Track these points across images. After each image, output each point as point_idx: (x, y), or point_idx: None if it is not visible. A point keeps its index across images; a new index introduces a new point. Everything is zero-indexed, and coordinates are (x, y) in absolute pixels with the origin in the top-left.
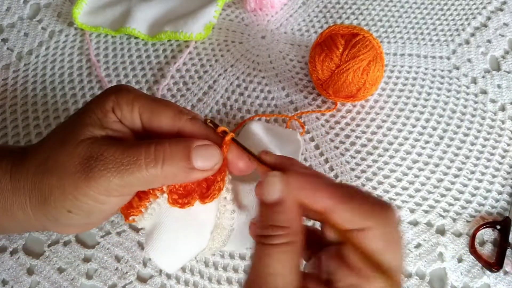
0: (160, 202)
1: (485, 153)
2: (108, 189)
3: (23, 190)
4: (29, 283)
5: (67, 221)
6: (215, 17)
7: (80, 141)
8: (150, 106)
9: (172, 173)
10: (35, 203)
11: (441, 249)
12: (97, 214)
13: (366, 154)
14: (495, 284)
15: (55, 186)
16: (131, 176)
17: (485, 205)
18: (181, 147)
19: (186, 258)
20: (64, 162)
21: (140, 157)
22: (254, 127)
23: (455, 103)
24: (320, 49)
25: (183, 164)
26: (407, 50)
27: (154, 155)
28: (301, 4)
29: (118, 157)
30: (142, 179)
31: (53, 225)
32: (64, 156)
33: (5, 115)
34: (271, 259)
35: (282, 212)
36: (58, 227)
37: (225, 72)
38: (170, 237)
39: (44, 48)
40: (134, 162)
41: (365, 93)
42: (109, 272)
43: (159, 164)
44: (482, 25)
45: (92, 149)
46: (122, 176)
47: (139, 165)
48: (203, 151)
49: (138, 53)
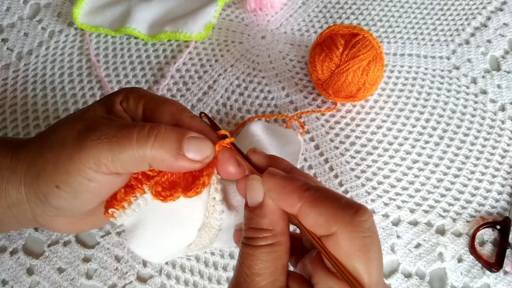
0: (147, 197)
1: (485, 153)
2: (98, 163)
3: (20, 167)
4: (29, 283)
5: (55, 201)
6: (215, 17)
7: (84, 118)
8: (155, 102)
9: (160, 155)
10: (29, 179)
11: (441, 249)
12: (84, 195)
13: (366, 154)
14: (495, 284)
15: (50, 160)
16: (121, 150)
17: (485, 205)
18: (175, 132)
19: (171, 253)
20: (64, 136)
21: (133, 132)
22: (253, 128)
23: (455, 103)
24: (320, 49)
25: (173, 148)
26: (407, 50)
27: (147, 133)
28: (301, 4)
29: (113, 129)
30: (131, 155)
31: (42, 211)
32: (66, 130)
33: (5, 115)
34: (256, 259)
35: (264, 216)
36: (48, 216)
37: (225, 72)
38: (155, 234)
39: (44, 48)
40: (126, 136)
41: (365, 93)
42: (109, 272)
43: (149, 142)
44: (482, 25)
45: (92, 122)
46: (113, 149)
47: (130, 140)
48: (196, 141)
49: (138, 53)
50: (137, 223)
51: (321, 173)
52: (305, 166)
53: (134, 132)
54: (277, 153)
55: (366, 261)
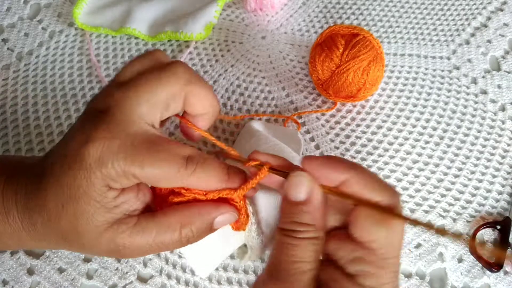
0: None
1: (485, 153)
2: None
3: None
4: (30, 283)
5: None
6: (216, 17)
7: (98, 234)
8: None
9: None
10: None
11: (441, 249)
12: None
13: (366, 154)
14: (495, 284)
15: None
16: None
17: (485, 205)
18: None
19: (217, 262)
20: (91, 247)
21: (168, 247)
22: (255, 125)
23: (455, 103)
24: (320, 49)
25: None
26: (407, 50)
27: (181, 240)
28: (301, 4)
29: (143, 247)
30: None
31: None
32: (89, 243)
33: (5, 115)
34: (299, 249)
35: (309, 212)
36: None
37: (225, 72)
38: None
39: (45, 48)
40: (161, 249)
41: (365, 93)
42: (109, 272)
43: (183, 243)
44: (482, 25)
45: (115, 242)
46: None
47: (165, 249)
48: (222, 218)
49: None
50: None
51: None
52: None
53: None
54: (279, 152)
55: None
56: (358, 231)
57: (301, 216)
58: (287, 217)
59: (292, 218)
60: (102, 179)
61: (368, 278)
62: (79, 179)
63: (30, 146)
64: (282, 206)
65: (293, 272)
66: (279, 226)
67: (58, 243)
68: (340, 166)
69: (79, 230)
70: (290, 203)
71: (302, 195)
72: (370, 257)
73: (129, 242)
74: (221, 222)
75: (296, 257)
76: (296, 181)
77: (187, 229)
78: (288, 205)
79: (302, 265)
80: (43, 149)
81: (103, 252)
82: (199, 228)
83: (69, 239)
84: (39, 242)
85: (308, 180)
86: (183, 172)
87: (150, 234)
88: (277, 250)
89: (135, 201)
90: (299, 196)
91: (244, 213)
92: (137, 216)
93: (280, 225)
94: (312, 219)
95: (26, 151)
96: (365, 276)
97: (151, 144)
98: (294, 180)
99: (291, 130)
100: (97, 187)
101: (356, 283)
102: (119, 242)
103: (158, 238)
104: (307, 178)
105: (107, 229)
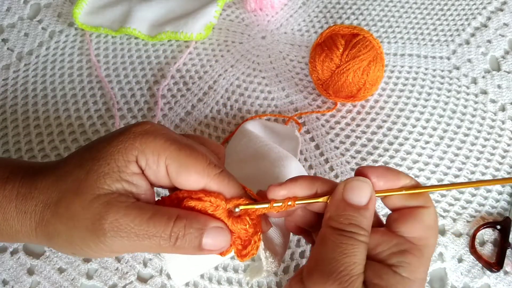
0: None
1: (485, 153)
2: (114, 250)
3: (29, 222)
4: (30, 283)
5: (70, 255)
6: (216, 17)
7: (96, 196)
8: (177, 157)
9: (182, 249)
10: (41, 236)
11: (441, 249)
12: (98, 257)
13: (366, 154)
14: (495, 284)
15: (62, 233)
16: (142, 246)
17: (485, 205)
18: (195, 229)
19: (196, 272)
20: (75, 214)
21: (156, 234)
22: (249, 126)
23: (455, 103)
24: (320, 49)
25: (193, 246)
26: (407, 50)
27: (170, 234)
28: (301, 4)
29: (134, 227)
30: (152, 249)
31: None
32: (77, 207)
33: (5, 115)
34: (357, 250)
35: (367, 217)
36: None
37: (225, 72)
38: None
39: (45, 48)
40: (149, 236)
41: (365, 93)
42: (109, 272)
43: (171, 241)
44: (482, 25)
45: (107, 210)
46: (134, 245)
47: (153, 241)
48: (215, 233)
49: (138, 53)
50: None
51: (322, 173)
52: (305, 166)
53: (157, 234)
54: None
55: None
56: (407, 228)
57: (360, 220)
58: (345, 218)
59: (351, 220)
60: (137, 148)
61: (407, 269)
62: (117, 141)
63: (30, 146)
64: (338, 207)
65: (352, 273)
66: (331, 226)
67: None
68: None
69: (81, 187)
70: (350, 205)
71: (365, 199)
72: (414, 250)
73: (123, 216)
74: (210, 244)
75: (356, 259)
76: (358, 185)
77: (181, 224)
78: (346, 207)
79: (358, 268)
80: (43, 149)
81: (88, 221)
82: (191, 229)
83: (63, 199)
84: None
85: (369, 186)
86: (211, 169)
87: (146, 213)
88: (331, 249)
89: (143, 192)
90: (362, 200)
91: (258, 240)
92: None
93: (334, 225)
94: (368, 225)
95: (26, 151)
96: (404, 267)
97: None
98: (355, 184)
99: (288, 128)
100: (127, 153)
101: (396, 273)
102: (113, 211)
103: (151, 221)
104: (368, 183)
105: (107, 194)
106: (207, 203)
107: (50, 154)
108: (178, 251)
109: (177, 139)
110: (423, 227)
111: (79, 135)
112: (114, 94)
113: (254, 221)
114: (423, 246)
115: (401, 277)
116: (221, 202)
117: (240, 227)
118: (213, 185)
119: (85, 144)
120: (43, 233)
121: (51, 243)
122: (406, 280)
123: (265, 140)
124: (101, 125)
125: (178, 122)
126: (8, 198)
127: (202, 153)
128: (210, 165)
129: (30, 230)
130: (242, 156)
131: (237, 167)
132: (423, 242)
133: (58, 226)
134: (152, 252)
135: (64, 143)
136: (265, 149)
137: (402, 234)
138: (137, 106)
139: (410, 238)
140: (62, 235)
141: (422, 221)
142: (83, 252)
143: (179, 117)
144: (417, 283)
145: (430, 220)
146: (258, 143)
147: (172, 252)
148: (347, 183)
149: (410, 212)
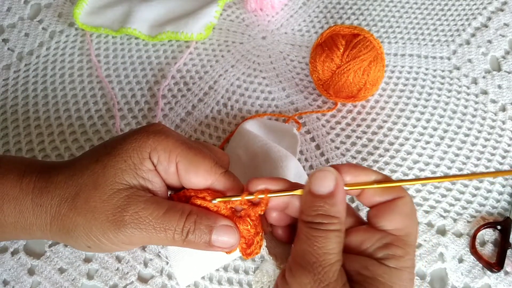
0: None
1: (485, 153)
2: (132, 242)
3: (44, 215)
4: (30, 283)
5: (83, 250)
6: (216, 18)
7: (116, 190)
8: (187, 155)
9: (193, 244)
10: (56, 230)
11: (441, 249)
12: (112, 251)
13: (367, 154)
14: (495, 285)
15: (80, 225)
16: (157, 238)
17: (486, 206)
18: (204, 226)
19: (201, 273)
20: (95, 207)
21: (171, 227)
22: (248, 126)
23: (456, 104)
24: (321, 49)
25: (203, 241)
26: (407, 51)
27: (183, 228)
28: (302, 4)
29: (152, 220)
30: (165, 242)
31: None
32: (97, 201)
33: (6, 115)
34: (328, 241)
35: (334, 205)
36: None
37: (225, 73)
38: (195, 251)
39: (45, 48)
40: (164, 229)
41: (366, 93)
42: (110, 272)
43: (183, 235)
44: (483, 25)
45: (128, 203)
46: (151, 237)
47: (168, 234)
48: (224, 231)
49: (138, 54)
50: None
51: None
52: (306, 166)
53: (172, 227)
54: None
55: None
56: (386, 222)
57: (327, 208)
58: (312, 210)
59: (317, 211)
60: (150, 146)
61: (394, 260)
62: (131, 139)
63: (31, 146)
64: (306, 200)
65: (324, 264)
66: (303, 220)
67: (63, 199)
68: (366, 169)
69: (99, 181)
70: (315, 196)
71: (327, 188)
72: (397, 242)
73: (142, 209)
74: (219, 241)
75: (325, 249)
76: (322, 175)
77: (192, 219)
78: (313, 198)
79: (331, 257)
80: (43, 149)
81: (109, 213)
82: (201, 225)
83: (81, 193)
84: (42, 196)
85: (333, 174)
86: (217, 168)
87: (162, 207)
88: (303, 242)
89: (158, 188)
90: (324, 189)
91: (260, 239)
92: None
93: (305, 219)
94: (337, 212)
95: (27, 151)
96: (390, 259)
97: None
98: (319, 174)
99: (287, 126)
100: (142, 150)
101: (384, 265)
102: (133, 204)
103: (167, 215)
104: (332, 172)
105: (127, 189)
106: (210, 203)
107: (51, 154)
108: (190, 245)
109: (186, 140)
110: (401, 217)
111: (79, 135)
112: (115, 94)
113: (254, 222)
114: (405, 235)
115: (387, 267)
116: (221, 203)
117: (243, 228)
118: (218, 184)
119: (85, 144)
120: (58, 227)
121: (66, 237)
122: (393, 270)
123: (264, 139)
124: (101, 125)
125: (179, 122)
126: (24, 191)
127: (209, 153)
128: (216, 164)
129: (45, 224)
130: (242, 157)
131: (238, 168)
132: (404, 231)
133: (76, 219)
134: (166, 245)
135: (64, 143)
136: (264, 149)
137: (383, 228)
138: (137, 106)
139: (391, 230)
140: (80, 227)
141: (399, 212)
142: (100, 244)
143: (180, 117)
144: (405, 271)
145: (407, 209)
146: (258, 143)
147: (185, 246)
148: (312, 175)
149: (387, 205)
